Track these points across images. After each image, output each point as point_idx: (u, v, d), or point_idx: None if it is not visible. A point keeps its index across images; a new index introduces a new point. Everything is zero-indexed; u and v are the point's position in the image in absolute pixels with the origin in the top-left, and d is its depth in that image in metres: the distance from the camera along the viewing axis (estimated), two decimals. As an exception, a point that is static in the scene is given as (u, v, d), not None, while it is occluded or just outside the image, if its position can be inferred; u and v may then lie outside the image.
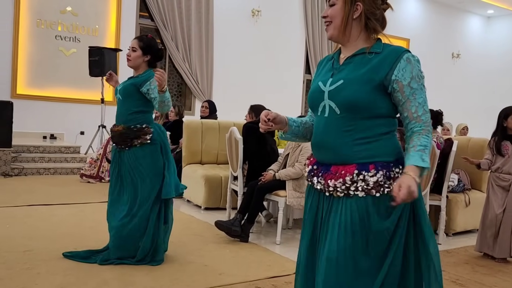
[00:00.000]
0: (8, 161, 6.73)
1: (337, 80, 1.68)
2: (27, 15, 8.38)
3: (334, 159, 1.69)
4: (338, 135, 1.66)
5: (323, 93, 1.70)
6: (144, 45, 3.32)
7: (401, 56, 1.63)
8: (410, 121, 1.66)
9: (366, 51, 1.68)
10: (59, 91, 8.69)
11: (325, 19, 1.75)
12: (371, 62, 1.65)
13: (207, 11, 10.01)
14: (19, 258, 3.27)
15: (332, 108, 1.67)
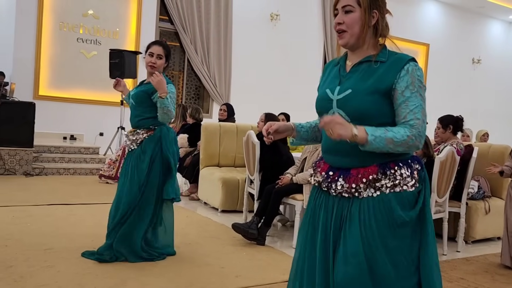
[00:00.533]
0: (30, 160, 6.86)
1: (345, 89, 1.70)
2: (50, 18, 8.55)
3: (352, 163, 1.70)
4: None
5: (331, 101, 1.72)
6: (167, 52, 3.40)
7: (403, 65, 1.67)
8: (402, 123, 1.66)
9: (372, 59, 1.70)
10: (79, 93, 8.83)
11: (339, 26, 1.72)
12: (378, 72, 1.68)
13: (226, 15, 10.07)
14: (40, 256, 3.33)
15: (342, 116, 1.67)
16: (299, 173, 4.26)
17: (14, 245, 3.52)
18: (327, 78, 1.81)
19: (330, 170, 1.75)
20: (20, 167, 6.78)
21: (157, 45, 3.37)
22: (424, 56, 13.17)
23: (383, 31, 1.73)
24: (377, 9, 1.71)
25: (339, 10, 1.73)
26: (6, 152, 6.70)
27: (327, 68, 1.86)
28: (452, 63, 13.52)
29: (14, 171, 6.73)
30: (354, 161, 1.69)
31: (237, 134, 5.90)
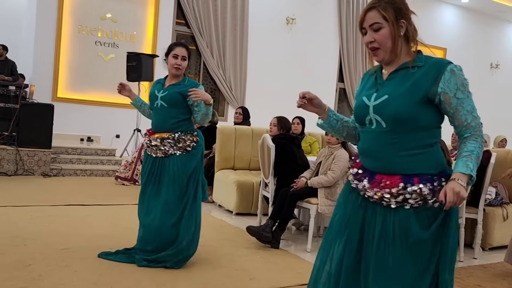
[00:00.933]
0: (48, 161, 6.96)
1: (382, 95, 1.74)
2: (69, 21, 8.68)
3: (380, 168, 1.75)
4: (385, 146, 1.73)
5: (368, 107, 1.77)
6: (189, 54, 3.41)
7: (445, 68, 1.67)
8: (461, 129, 1.70)
9: (409, 65, 1.71)
10: (97, 95, 8.94)
11: (371, 45, 1.74)
12: (415, 76, 1.70)
13: (242, 19, 10.12)
14: (57, 255, 3.38)
15: (378, 122, 1.74)
16: (314, 177, 4.26)
17: (32, 244, 3.58)
18: (363, 87, 1.86)
19: (360, 168, 1.83)
20: (39, 168, 6.89)
21: (181, 46, 3.35)
22: (441, 61, 13.05)
23: (414, 36, 1.76)
24: (403, 18, 1.72)
25: (367, 29, 1.74)
26: (25, 153, 6.82)
27: (364, 78, 1.91)
28: (469, 68, 13.35)
29: (33, 171, 6.84)
30: (380, 166, 1.75)
31: (252, 137, 5.92)
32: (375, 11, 1.70)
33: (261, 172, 4.87)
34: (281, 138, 4.73)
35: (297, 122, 6.34)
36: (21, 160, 6.77)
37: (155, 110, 3.39)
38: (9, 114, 7.05)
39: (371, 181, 1.75)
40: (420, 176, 1.67)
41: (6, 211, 4.56)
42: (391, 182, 1.69)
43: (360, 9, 11.50)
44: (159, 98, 3.34)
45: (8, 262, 3.15)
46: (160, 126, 3.36)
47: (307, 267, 3.65)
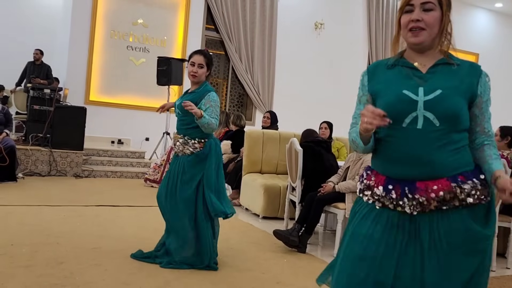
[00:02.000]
0: (80, 163, 7.13)
1: (433, 89, 1.58)
2: (102, 26, 8.90)
3: (422, 174, 1.57)
4: (434, 149, 1.56)
5: (415, 103, 1.57)
6: (208, 61, 3.44)
7: (481, 72, 1.65)
8: (481, 135, 1.68)
9: (449, 62, 1.64)
10: (127, 99, 9.12)
11: (417, 23, 1.59)
12: (460, 74, 1.62)
13: (271, 24, 10.17)
14: (88, 254, 3.46)
15: (429, 120, 1.56)
16: (341, 182, 4.24)
17: (65, 243, 3.68)
18: (387, 80, 1.67)
19: (388, 183, 1.61)
20: (71, 169, 7.06)
21: (198, 54, 3.42)
22: (473, 66, 12.79)
23: (449, 37, 1.67)
24: (449, 14, 1.65)
25: (415, 6, 1.60)
26: (58, 154, 7.00)
27: (375, 70, 1.73)
28: (503, 73, 13.04)
29: (65, 172, 7.02)
30: (423, 173, 1.57)
31: (280, 141, 5.93)
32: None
33: (288, 176, 4.88)
34: (309, 142, 4.74)
35: (325, 126, 6.32)
36: (54, 161, 6.96)
37: (177, 117, 3.53)
38: (44, 117, 7.26)
39: (416, 192, 1.56)
40: (463, 174, 1.58)
41: (40, 211, 4.70)
42: (440, 187, 1.55)
43: (389, 13, 11.39)
44: (176, 106, 3.49)
45: (41, 260, 3.25)
46: (179, 131, 3.51)
47: (334, 272, 3.63)
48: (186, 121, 3.43)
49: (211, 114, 3.31)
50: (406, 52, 1.70)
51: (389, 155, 1.63)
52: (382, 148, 1.66)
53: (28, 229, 3.98)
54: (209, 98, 3.35)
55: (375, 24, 11.30)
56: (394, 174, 1.61)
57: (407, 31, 1.62)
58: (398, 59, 1.70)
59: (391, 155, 1.62)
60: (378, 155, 1.69)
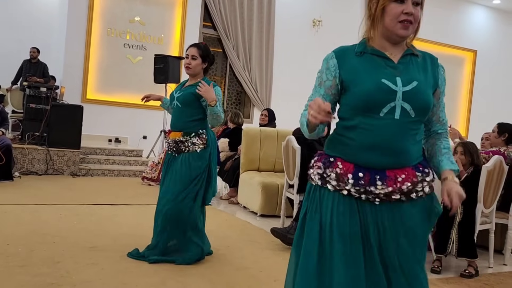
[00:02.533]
0: (77, 161, 7.11)
1: (410, 80, 1.61)
2: (99, 24, 8.86)
3: (394, 162, 1.60)
4: (408, 138, 1.61)
5: (394, 93, 1.58)
6: (203, 53, 3.43)
7: (438, 64, 1.72)
8: (436, 123, 1.76)
9: (415, 53, 1.68)
10: (125, 97, 9.09)
11: (408, 16, 1.58)
12: (425, 66, 1.68)
13: (269, 21, 10.14)
14: (85, 253, 3.44)
15: (405, 111, 1.59)
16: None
17: (61, 242, 3.66)
18: (360, 68, 1.64)
19: (358, 171, 1.60)
20: (68, 168, 7.04)
21: (192, 46, 3.45)
22: (471, 63, 12.78)
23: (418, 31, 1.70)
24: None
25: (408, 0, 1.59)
26: (55, 153, 6.98)
27: (344, 55, 1.69)
28: (501, 69, 13.05)
29: (62, 171, 7.00)
30: (395, 162, 1.60)
31: (278, 139, 5.91)
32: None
33: (285, 174, 4.86)
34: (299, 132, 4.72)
35: (323, 124, 6.29)
36: (51, 160, 6.93)
37: (173, 109, 3.51)
38: (40, 115, 7.23)
39: (385, 180, 1.58)
40: (421, 163, 1.67)
41: (36, 209, 4.67)
42: (407, 175, 1.61)
43: None
44: (175, 98, 3.46)
45: (37, 259, 3.23)
46: (174, 125, 3.47)
47: (331, 270, 3.62)
48: (187, 113, 3.38)
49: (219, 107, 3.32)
50: (375, 40, 1.67)
51: (362, 143, 1.61)
52: (355, 135, 1.63)
53: (25, 228, 3.96)
54: (215, 92, 3.32)
55: (373, 21, 11.27)
56: (364, 162, 1.61)
57: (396, 22, 1.59)
58: (366, 47, 1.68)
59: (364, 143, 1.61)
60: (348, 143, 1.65)
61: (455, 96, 12.34)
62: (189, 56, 3.42)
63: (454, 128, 4.57)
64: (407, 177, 1.61)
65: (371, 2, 1.66)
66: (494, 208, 4.07)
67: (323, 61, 1.74)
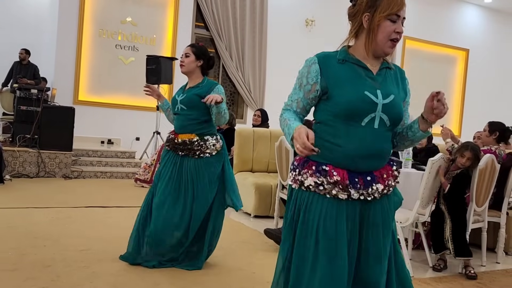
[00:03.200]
0: (69, 164, 7.06)
1: (388, 93, 1.72)
2: (91, 25, 8.81)
3: (378, 165, 1.75)
4: (385, 143, 1.76)
5: (375, 105, 1.69)
6: (196, 50, 3.42)
7: (405, 76, 1.85)
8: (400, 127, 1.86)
9: (389, 66, 1.79)
10: (117, 98, 9.05)
11: (398, 35, 1.70)
12: (397, 79, 1.81)
13: (261, 21, 10.12)
14: (77, 256, 3.41)
15: (383, 121, 1.72)
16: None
17: (52, 245, 3.62)
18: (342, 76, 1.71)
19: (353, 177, 1.70)
20: (60, 170, 6.99)
21: (187, 46, 3.47)
22: (463, 62, 12.84)
23: None
24: None
25: (400, 18, 1.70)
26: (46, 155, 6.92)
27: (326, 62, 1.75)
28: (493, 68, 13.12)
29: (54, 173, 6.95)
30: (378, 164, 1.76)
31: (271, 139, 5.90)
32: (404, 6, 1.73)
33: (278, 174, 4.85)
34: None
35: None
36: (42, 162, 6.88)
37: (177, 114, 3.41)
38: (31, 117, 7.17)
39: (376, 180, 1.73)
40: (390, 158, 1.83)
41: (27, 213, 4.63)
42: (387, 171, 1.77)
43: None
44: (178, 102, 3.39)
45: (28, 263, 3.19)
46: (182, 129, 3.37)
47: (325, 271, 3.61)
48: (192, 116, 3.32)
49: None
50: (357, 50, 1.76)
51: (349, 149, 1.70)
52: (341, 142, 1.70)
53: (15, 232, 3.91)
54: (218, 90, 3.29)
55: (365, 20, 11.29)
56: (355, 167, 1.71)
57: (387, 39, 1.69)
58: (347, 55, 1.77)
59: (351, 150, 1.70)
60: (335, 149, 1.71)
61: (447, 95, 12.36)
62: (183, 55, 3.42)
63: (446, 127, 4.57)
64: (389, 173, 1.77)
65: (362, 15, 1.72)
66: (486, 206, 4.07)
67: (305, 64, 1.78)
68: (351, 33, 1.77)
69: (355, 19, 1.75)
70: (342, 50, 1.79)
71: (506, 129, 4.50)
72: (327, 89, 1.72)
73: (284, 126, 1.74)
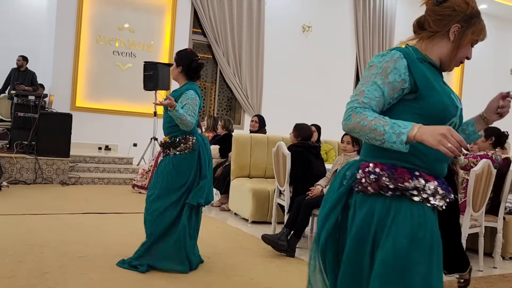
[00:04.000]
0: (66, 170, 7.05)
1: (458, 99, 1.70)
2: (88, 32, 8.82)
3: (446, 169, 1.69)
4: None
5: (457, 109, 1.65)
6: (177, 57, 3.52)
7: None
8: None
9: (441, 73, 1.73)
10: (114, 104, 9.05)
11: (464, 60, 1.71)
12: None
13: (258, 27, 10.16)
14: (74, 263, 3.40)
15: (456, 126, 1.67)
16: (329, 185, 4.22)
17: (49, 252, 3.62)
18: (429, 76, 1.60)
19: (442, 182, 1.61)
20: (57, 176, 6.98)
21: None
22: (459, 69, 12.89)
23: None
24: None
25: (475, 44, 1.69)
26: (44, 162, 6.91)
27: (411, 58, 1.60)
28: (488, 74, 13.17)
29: (51, 180, 6.93)
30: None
31: (268, 145, 5.91)
32: None
33: (276, 180, 4.86)
34: (298, 146, 4.70)
35: (314, 130, 6.30)
36: (40, 168, 6.87)
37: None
38: (29, 124, 7.16)
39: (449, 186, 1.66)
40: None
41: (24, 219, 4.62)
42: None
43: (376, 16, 11.44)
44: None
45: (25, 270, 3.19)
46: (163, 130, 3.55)
47: (322, 276, 3.61)
48: (167, 119, 3.45)
49: (187, 111, 3.31)
50: (428, 52, 1.66)
51: (436, 153, 1.50)
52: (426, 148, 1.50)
53: (12, 239, 3.91)
54: (186, 95, 3.38)
55: (362, 26, 11.34)
56: (440, 172, 1.63)
57: (459, 60, 1.67)
58: (422, 55, 1.65)
59: (438, 154, 1.50)
60: (423, 153, 1.57)
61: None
62: None
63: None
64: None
65: (452, 23, 1.62)
66: (483, 211, 4.09)
67: (387, 57, 1.57)
68: (428, 33, 1.64)
69: (441, 23, 1.62)
70: (414, 49, 1.65)
71: (502, 134, 4.52)
72: (417, 88, 1.57)
73: (376, 125, 1.47)
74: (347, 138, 4.26)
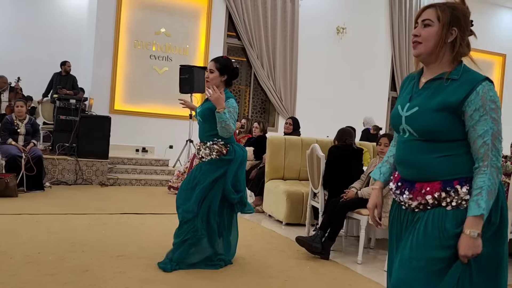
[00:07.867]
0: (105, 171, 7.25)
1: (413, 106, 1.76)
2: (126, 37, 9.06)
3: (418, 176, 1.75)
4: (420, 154, 1.74)
5: (401, 117, 1.80)
6: (220, 66, 3.49)
7: (474, 88, 1.65)
8: (474, 154, 1.68)
9: (444, 77, 1.72)
10: (151, 107, 9.24)
11: (415, 38, 1.76)
12: (447, 89, 1.70)
13: (292, 30, 10.17)
14: (113, 262, 3.51)
15: (410, 132, 1.77)
16: (364, 187, 4.19)
17: (90, 251, 3.74)
18: (402, 94, 1.88)
19: (400, 181, 1.83)
20: (96, 178, 7.18)
21: (211, 61, 3.55)
22: (500, 67, 12.52)
23: (462, 50, 1.74)
24: (457, 27, 1.72)
25: (419, 24, 1.77)
26: (84, 163, 7.13)
27: (405, 82, 1.91)
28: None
29: (91, 181, 7.15)
30: (419, 175, 1.75)
31: (302, 147, 5.90)
32: (433, 9, 1.74)
33: (310, 182, 4.85)
34: (338, 148, 4.68)
35: (348, 132, 6.24)
36: (80, 170, 7.09)
37: (198, 123, 3.63)
38: (70, 126, 7.41)
39: (413, 191, 1.76)
40: (459, 179, 1.68)
41: (66, 219, 4.79)
42: (431, 189, 1.70)
43: (412, 16, 11.25)
44: (197, 113, 3.57)
45: (66, 268, 3.31)
46: (200, 138, 3.60)
47: (357, 279, 3.59)
48: (206, 128, 3.49)
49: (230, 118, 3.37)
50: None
51: (396, 156, 1.88)
52: (396, 150, 1.89)
53: (55, 237, 4.06)
54: (227, 104, 3.40)
55: (398, 27, 11.18)
56: (402, 174, 1.84)
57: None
58: (419, 73, 1.86)
59: (396, 158, 1.88)
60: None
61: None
62: (208, 70, 3.52)
63: None
64: (431, 191, 1.71)
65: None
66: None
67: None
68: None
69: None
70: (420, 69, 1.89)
71: None
72: None
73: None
74: (385, 140, 4.18)
